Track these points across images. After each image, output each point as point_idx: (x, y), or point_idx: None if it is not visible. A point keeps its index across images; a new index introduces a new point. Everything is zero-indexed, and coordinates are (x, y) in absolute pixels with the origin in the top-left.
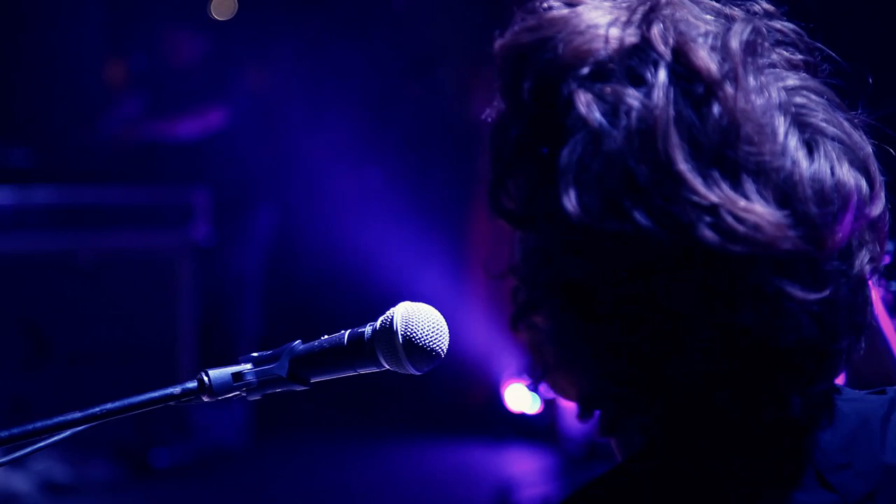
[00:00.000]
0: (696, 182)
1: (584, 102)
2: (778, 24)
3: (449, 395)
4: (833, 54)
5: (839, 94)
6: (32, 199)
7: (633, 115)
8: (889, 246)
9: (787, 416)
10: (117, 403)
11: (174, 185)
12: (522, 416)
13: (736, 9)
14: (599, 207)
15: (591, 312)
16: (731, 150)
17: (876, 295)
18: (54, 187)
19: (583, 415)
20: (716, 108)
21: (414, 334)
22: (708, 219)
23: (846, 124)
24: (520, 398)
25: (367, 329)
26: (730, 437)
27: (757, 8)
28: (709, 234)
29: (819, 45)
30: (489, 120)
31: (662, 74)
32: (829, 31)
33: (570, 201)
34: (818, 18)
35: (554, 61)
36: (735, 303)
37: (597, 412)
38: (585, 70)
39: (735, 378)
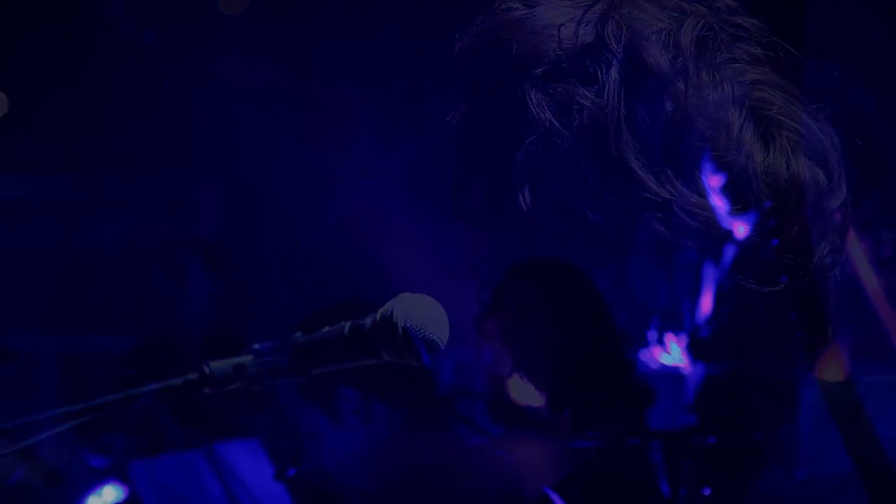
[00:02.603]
0: (648, 179)
1: (536, 103)
2: (739, 20)
3: (453, 386)
4: (792, 49)
5: (802, 87)
6: (40, 190)
7: (585, 114)
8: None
9: (748, 407)
10: (119, 395)
11: (182, 177)
12: (528, 408)
13: (698, 5)
14: (552, 205)
15: (548, 312)
16: (683, 146)
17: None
18: (62, 179)
19: (551, 413)
20: (668, 105)
21: (414, 326)
22: (660, 215)
23: (804, 117)
24: (525, 390)
25: (368, 320)
26: (692, 432)
27: (720, 3)
28: (661, 229)
29: (780, 40)
30: (453, 122)
31: (614, 73)
32: (795, 24)
33: (525, 200)
34: (784, 13)
35: (509, 62)
36: (689, 297)
37: (566, 410)
38: (539, 70)
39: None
